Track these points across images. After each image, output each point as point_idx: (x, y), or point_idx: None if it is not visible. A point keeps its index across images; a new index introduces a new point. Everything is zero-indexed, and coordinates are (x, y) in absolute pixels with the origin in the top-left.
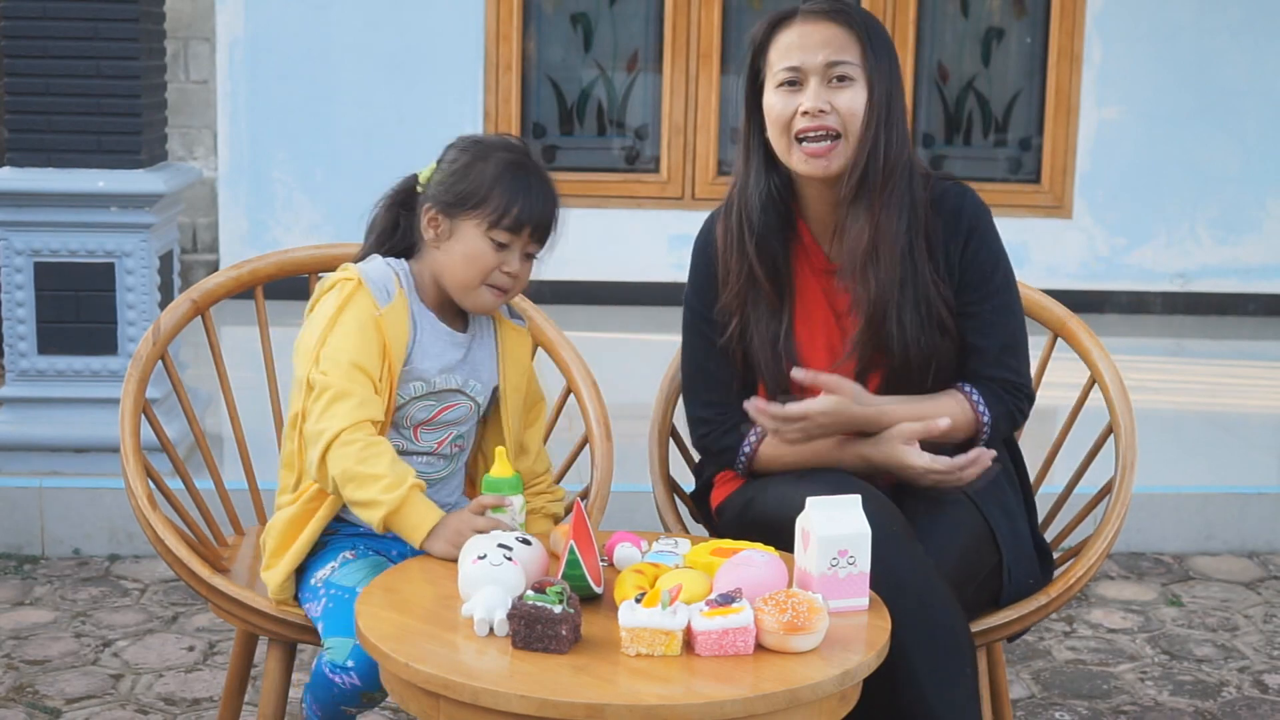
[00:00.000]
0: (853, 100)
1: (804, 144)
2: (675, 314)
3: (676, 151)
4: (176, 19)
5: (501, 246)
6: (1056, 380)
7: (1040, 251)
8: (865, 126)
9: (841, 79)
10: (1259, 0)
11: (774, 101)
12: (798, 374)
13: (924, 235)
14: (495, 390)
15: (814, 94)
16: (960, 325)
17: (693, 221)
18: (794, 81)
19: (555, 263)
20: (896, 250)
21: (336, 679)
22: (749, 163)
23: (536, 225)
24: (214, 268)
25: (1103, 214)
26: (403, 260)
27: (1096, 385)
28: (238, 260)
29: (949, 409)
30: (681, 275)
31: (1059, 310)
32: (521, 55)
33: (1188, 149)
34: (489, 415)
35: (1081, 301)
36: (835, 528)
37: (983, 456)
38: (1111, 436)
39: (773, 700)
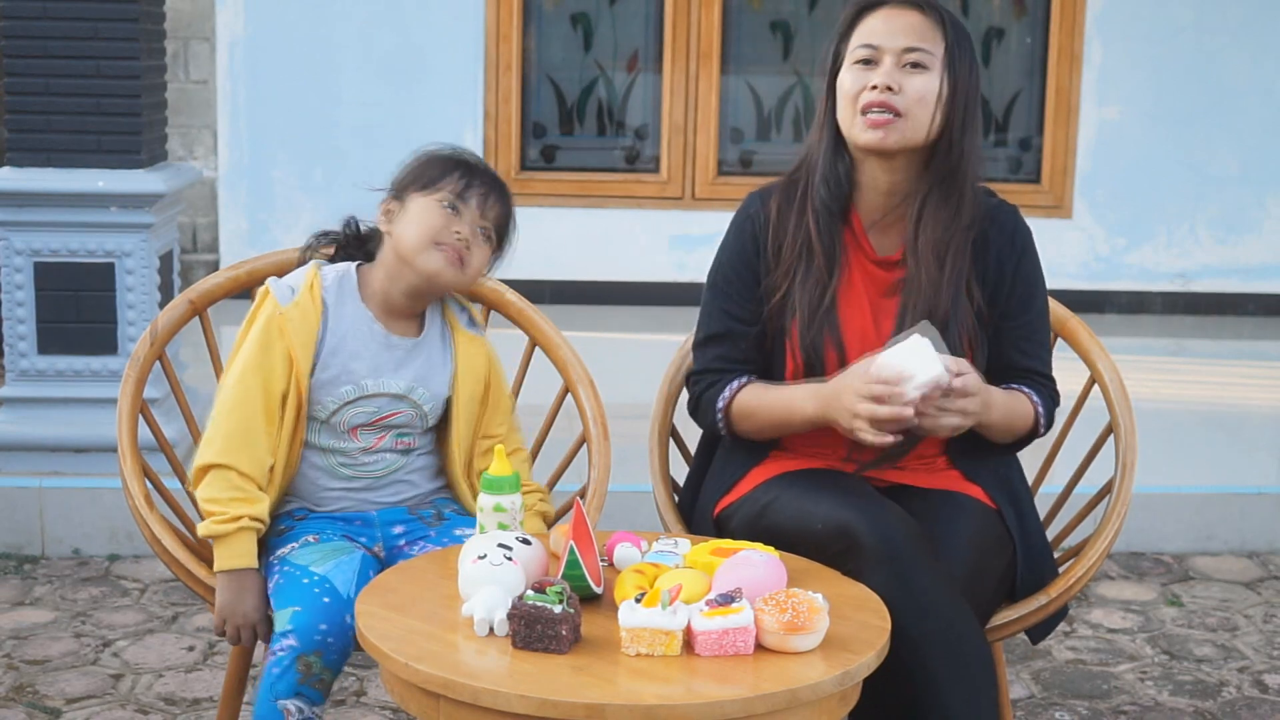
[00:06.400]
0: (924, 86)
1: (867, 115)
2: (675, 314)
3: (676, 151)
4: (176, 19)
5: (450, 210)
6: (1057, 380)
7: (1040, 251)
8: (934, 116)
9: (916, 65)
10: (1259, 0)
11: (846, 77)
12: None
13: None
14: (450, 401)
15: (886, 72)
16: (1004, 329)
17: (693, 222)
18: (869, 60)
19: (555, 263)
20: (964, 246)
21: (277, 649)
22: (820, 142)
23: (480, 194)
24: (214, 268)
25: (1103, 214)
26: (350, 264)
27: (1096, 385)
28: (238, 260)
29: (1024, 410)
30: (681, 275)
31: (1059, 310)
32: (521, 55)
33: (1188, 149)
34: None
35: (1081, 301)
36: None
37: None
38: (1111, 436)
39: (773, 700)
